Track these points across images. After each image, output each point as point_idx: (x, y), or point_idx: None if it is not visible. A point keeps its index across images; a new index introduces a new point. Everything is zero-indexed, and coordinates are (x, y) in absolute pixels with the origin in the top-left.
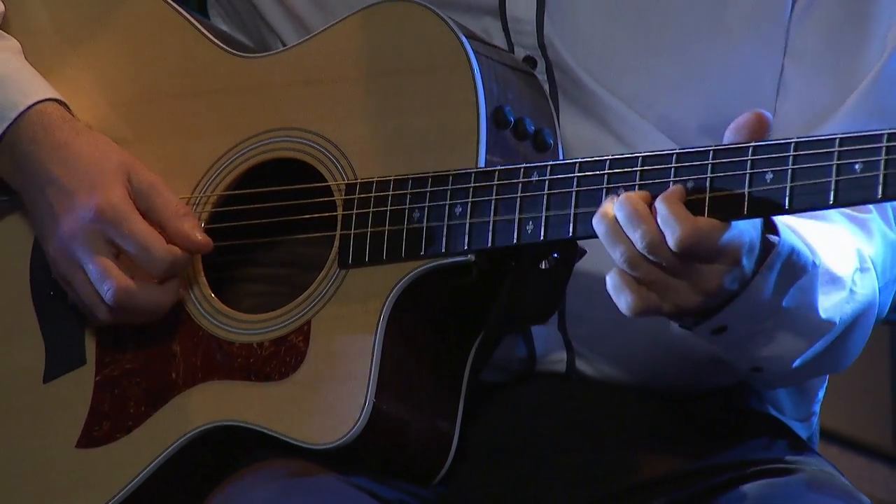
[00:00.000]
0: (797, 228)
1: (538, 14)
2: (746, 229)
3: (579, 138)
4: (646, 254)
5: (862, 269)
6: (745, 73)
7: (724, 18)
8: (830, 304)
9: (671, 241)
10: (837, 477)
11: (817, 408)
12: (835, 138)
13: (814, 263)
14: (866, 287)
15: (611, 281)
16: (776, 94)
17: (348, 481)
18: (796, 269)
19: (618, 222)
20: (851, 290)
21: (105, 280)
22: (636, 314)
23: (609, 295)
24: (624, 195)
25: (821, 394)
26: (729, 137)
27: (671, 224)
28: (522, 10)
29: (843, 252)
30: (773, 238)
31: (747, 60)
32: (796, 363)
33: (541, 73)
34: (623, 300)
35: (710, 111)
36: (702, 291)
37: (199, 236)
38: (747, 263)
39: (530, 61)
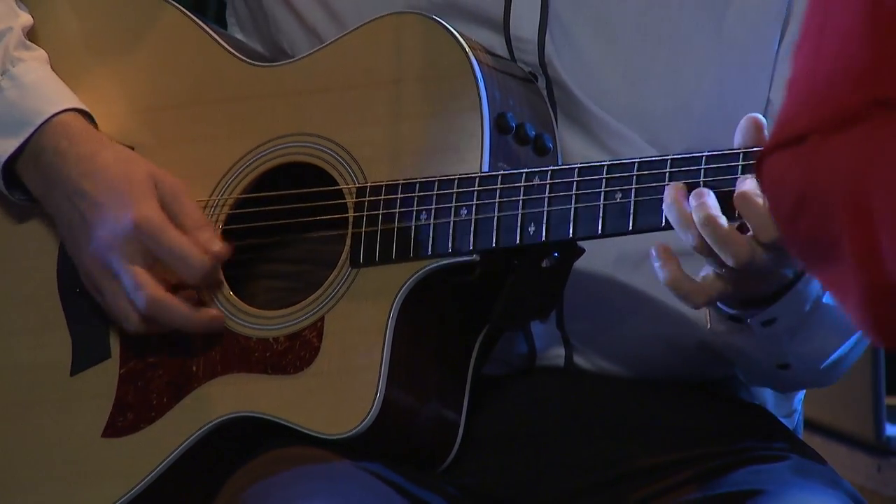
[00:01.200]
0: None
1: (540, 34)
2: None
3: (576, 153)
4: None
5: None
6: (733, 103)
7: (715, 50)
8: None
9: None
10: (822, 464)
11: (799, 406)
12: None
13: None
14: None
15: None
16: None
17: (362, 467)
18: None
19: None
20: None
21: (139, 289)
22: (699, 307)
23: (604, 293)
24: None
25: (802, 392)
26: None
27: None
28: (525, 30)
29: None
30: None
31: (736, 91)
32: (825, 362)
33: (541, 90)
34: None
35: (698, 136)
36: (766, 281)
37: (217, 246)
38: None
39: (532, 77)
